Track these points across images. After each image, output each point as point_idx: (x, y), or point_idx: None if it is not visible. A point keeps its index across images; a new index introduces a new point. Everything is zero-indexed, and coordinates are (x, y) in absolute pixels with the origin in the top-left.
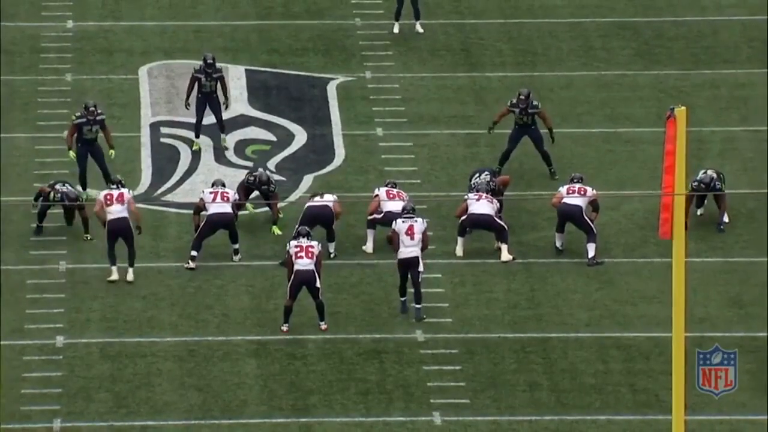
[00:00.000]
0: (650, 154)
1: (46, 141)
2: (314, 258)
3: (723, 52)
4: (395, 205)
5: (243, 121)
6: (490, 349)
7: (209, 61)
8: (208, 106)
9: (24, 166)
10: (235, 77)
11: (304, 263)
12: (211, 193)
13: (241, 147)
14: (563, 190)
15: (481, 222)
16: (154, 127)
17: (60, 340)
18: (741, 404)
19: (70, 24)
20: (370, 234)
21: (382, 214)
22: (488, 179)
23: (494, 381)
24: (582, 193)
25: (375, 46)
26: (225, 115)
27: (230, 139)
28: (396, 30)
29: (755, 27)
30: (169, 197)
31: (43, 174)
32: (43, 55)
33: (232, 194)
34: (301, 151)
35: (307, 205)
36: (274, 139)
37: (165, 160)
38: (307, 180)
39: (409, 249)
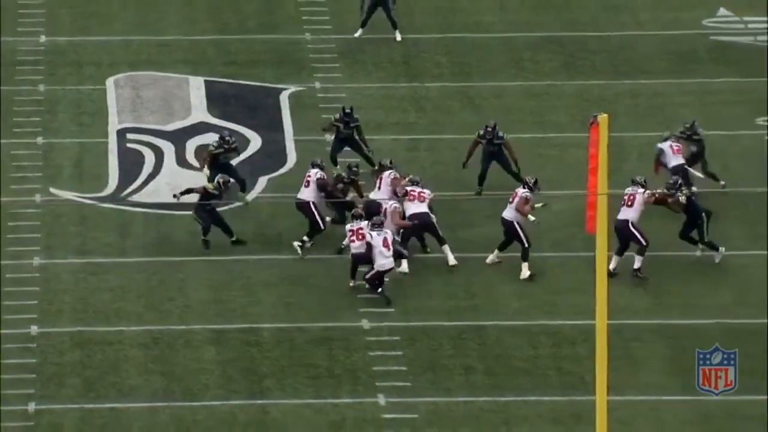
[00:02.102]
0: (576, 157)
1: (20, 146)
2: (364, 238)
3: (641, 64)
4: (417, 207)
5: (203, 128)
6: (430, 336)
7: (347, 110)
8: (347, 147)
9: (1, 171)
10: (195, 87)
11: (356, 246)
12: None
13: (201, 152)
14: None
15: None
16: (121, 133)
17: (34, 329)
18: (659, 386)
19: (43, 39)
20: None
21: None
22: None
23: (433, 365)
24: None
25: (324, 58)
26: (187, 123)
27: (190, 145)
28: (357, 34)
29: (670, 41)
30: (135, 198)
31: (19, 177)
32: (18, 67)
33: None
34: (256, 155)
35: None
36: None
37: (131, 163)
38: (262, 181)
39: (389, 260)
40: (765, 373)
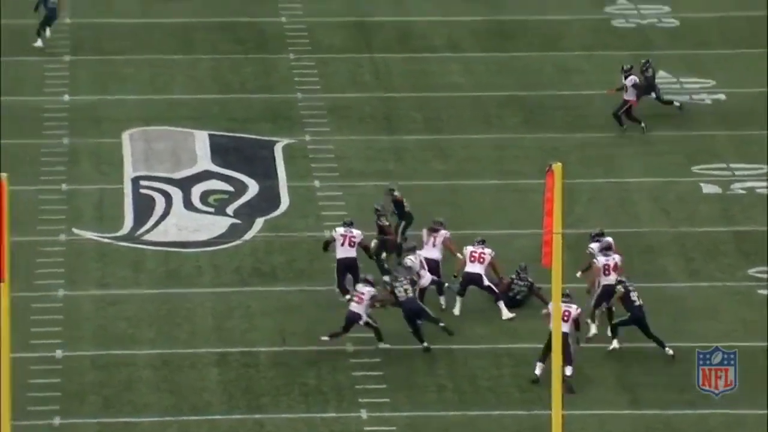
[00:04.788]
0: (534, 201)
1: (47, 192)
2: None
3: (591, 119)
4: (474, 268)
5: (207, 176)
6: (407, 358)
7: (522, 266)
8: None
9: (29, 211)
10: (200, 140)
11: (354, 306)
12: (342, 235)
13: (205, 196)
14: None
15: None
16: (135, 180)
17: (59, 353)
18: (607, 401)
19: (66, 98)
20: (458, 299)
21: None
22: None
23: (409, 384)
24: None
25: (313, 114)
26: (193, 171)
27: (196, 191)
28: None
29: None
30: (147, 237)
31: (46, 219)
32: (45, 123)
33: (359, 236)
34: (254, 199)
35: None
36: (232, 189)
37: (144, 207)
38: (259, 222)
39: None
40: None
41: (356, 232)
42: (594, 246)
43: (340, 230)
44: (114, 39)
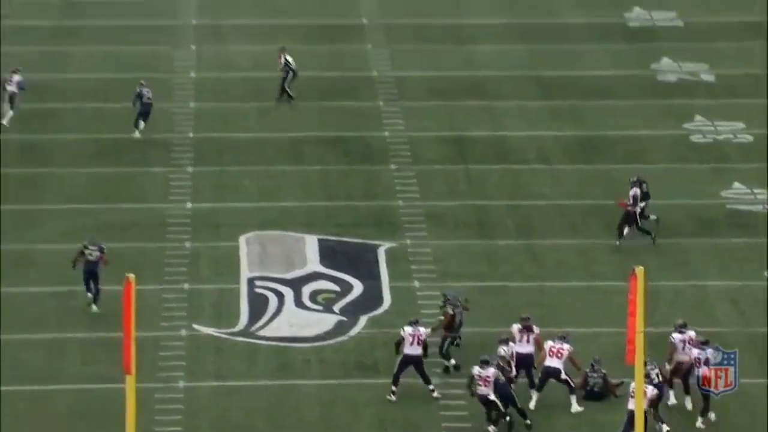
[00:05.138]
0: (618, 302)
1: (170, 291)
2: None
3: (669, 227)
4: (553, 362)
5: (316, 276)
6: None
7: (596, 358)
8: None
9: (154, 308)
10: (310, 244)
11: (482, 390)
12: (410, 334)
13: (314, 295)
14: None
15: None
16: (251, 281)
17: None
18: None
19: (189, 205)
20: (535, 394)
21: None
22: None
23: None
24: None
25: (413, 221)
26: (303, 272)
27: (306, 290)
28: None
29: (693, 208)
30: (261, 333)
31: (168, 315)
32: (168, 228)
33: (425, 334)
34: (358, 298)
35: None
36: (338, 289)
37: (258, 305)
38: (363, 319)
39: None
40: None
41: (422, 330)
42: (676, 336)
43: (408, 329)
44: (232, 151)
